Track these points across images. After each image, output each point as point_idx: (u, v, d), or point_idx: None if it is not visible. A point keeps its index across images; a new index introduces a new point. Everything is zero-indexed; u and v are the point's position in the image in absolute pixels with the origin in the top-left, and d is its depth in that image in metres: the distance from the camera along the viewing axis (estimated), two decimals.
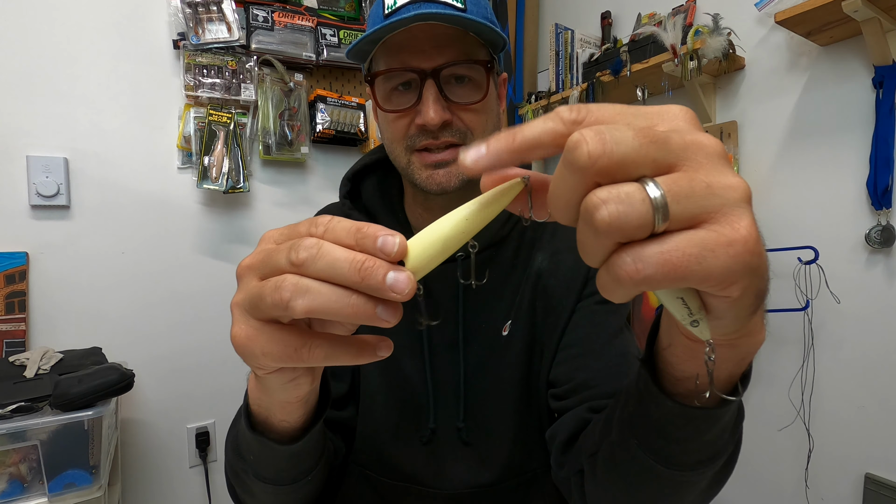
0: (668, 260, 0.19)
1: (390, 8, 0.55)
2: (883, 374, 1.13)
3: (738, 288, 0.20)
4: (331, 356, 0.28)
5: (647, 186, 0.19)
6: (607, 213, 0.19)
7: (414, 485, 0.64)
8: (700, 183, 0.20)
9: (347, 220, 0.27)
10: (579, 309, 0.62)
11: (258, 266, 0.29)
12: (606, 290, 0.21)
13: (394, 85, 0.58)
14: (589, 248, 0.21)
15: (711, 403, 0.32)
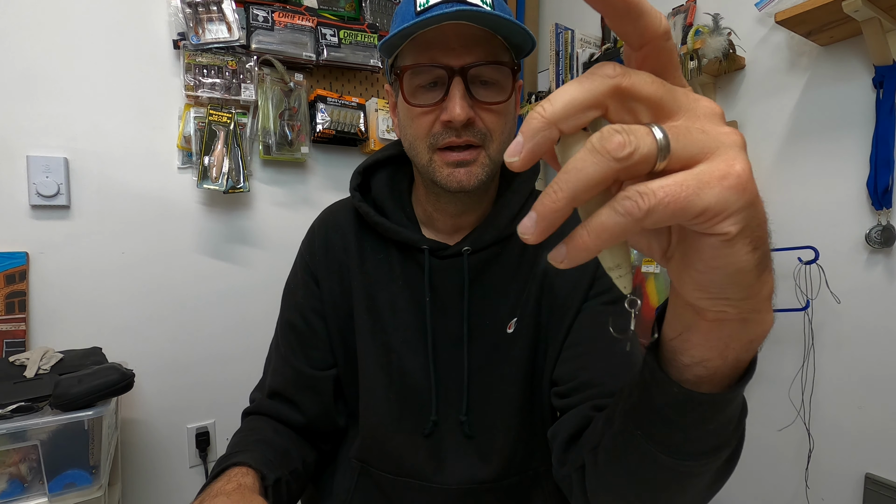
0: (669, 192, 0.21)
1: (422, 6, 0.56)
2: (883, 375, 1.13)
3: (733, 223, 0.22)
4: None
5: (653, 128, 0.22)
6: (619, 139, 0.21)
7: (415, 479, 0.64)
8: (697, 128, 0.23)
9: None
10: (585, 308, 0.62)
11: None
12: (604, 232, 0.21)
13: (421, 82, 0.58)
14: (592, 175, 0.21)
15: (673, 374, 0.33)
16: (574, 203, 0.22)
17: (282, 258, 1.62)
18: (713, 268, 0.24)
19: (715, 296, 0.26)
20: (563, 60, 1.80)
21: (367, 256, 0.68)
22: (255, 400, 0.72)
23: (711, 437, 0.35)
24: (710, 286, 0.25)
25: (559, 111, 0.22)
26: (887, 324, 1.12)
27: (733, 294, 0.26)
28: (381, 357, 0.65)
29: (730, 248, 0.23)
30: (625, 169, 0.21)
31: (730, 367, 0.31)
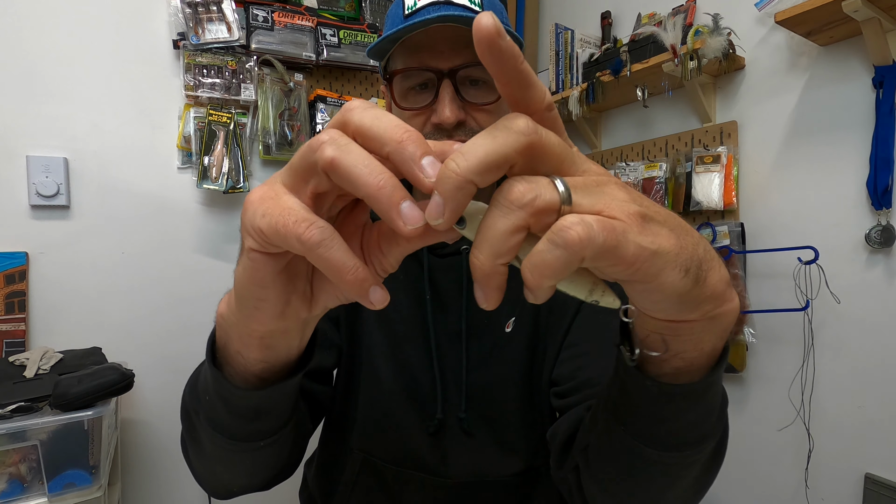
0: (605, 227, 0.22)
1: (410, 9, 0.57)
2: (883, 374, 1.13)
3: (652, 266, 0.23)
4: (322, 245, 0.24)
5: (554, 179, 0.23)
6: (520, 188, 0.22)
7: (418, 472, 0.64)
8: (593, 182, 0.24)
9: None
10: (584, 309, 0.62)
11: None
12: (546, 269, 0.22)
13: (411, 84, 0.59)
14: (504, 230, 0.22)
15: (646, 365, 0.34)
16: (499, 260, 0.23)
17: None
18: (658, 300, 0.26)
19: (672, 315, 0.28)
20: (563, 60, 1.80)
21: None
22: None
23: (693, 427, 0.36)
24: (666, 310, 0.27)
25: (474, 167, 0.22)
26: (887, 324, 1.12)
27: (688, 309, 0.27)
28: (386, 348, 0.65)
29: (658, 286, 0.24)
30: (532, 216, 0.22)
31: (706, 356, 0.32)
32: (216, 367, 0.37)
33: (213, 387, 0.38)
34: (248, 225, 0.26)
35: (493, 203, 0.23)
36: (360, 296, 0.26)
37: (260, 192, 0.26)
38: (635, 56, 1.49)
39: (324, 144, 0.24)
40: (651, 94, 1.53)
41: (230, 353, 0.36)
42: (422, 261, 0.65)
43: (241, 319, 0.32)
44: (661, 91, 1.51)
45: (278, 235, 0.24)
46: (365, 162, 0.23)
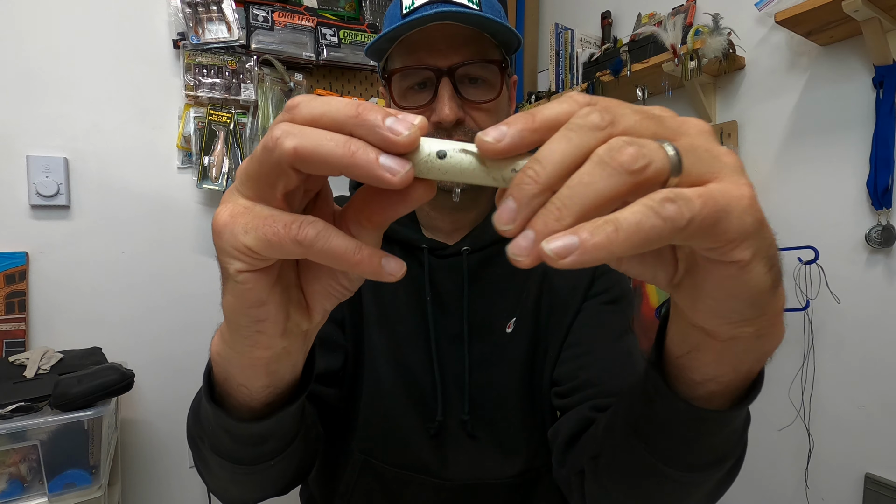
0: (705, 202, 0.19)
1: (408, 8, 0.56)
2: (883, 374, 1.13)
3: (747, 247, 0.21)
4: (323, 240, 0.23)
5: (664, 144, 0.21)
6: (632, 151, 0.20)
7: (419, 474, 0.64)
8: (701, 147, 0.22)
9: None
10: (585, 308, 0.62)
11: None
12: (638, 234, 0.19)
13: (409, 83, 0.59)
14: (603, 191, 0.20)
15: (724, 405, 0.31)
16: (582, 221, 0.20)
17: None
18: (731, 295, 0.23)
19: (733, 320, 0.25)
20: (563, 60, 1.80)
21: None
22: None
23: (717, 449, 0.35)
24: (729, 313, 0.25)
25: (553, 175, 0.21)
26: (887, 323, 1.12)
27: (751, 314, 0.25)
28: (387, 349, 0.65)
29: (747, 273, 0.22)
30: (637, 185, 0.20)
31: (742, 379, 0.31)
32: (215, 403, 0.36)
33: (215, 421, 0.37)
34: (230, 247, 0.24)
35: (595, 159, 0.20)
36: (374, 271, 0.24)
37: (227, 211, 0.24)
38: (635, 56, 1.49)
39: (279, 139, 0.22)
40: (651, 94, 1.53)
41: (232, 387, 0.35)
42: (422, 262, 0.64)
43: (242, 350, 0.30)
44: (662, 91, 1.51)
45: (271, 246, 0.23)
46: (328, 137, 0.22)
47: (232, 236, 0.24)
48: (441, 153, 0.23)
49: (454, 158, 0.23)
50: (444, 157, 0.23)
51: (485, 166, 0.23)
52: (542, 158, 0.21)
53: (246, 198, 0.24)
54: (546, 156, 0.21)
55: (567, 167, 0.21)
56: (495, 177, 0.23)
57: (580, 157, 0.21)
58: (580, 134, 0.21)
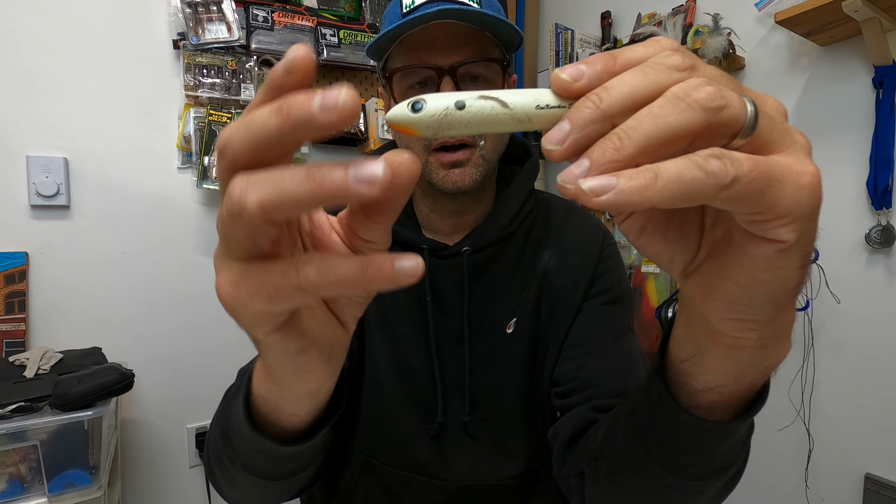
0: (756, 167, 0.18)
1: (408, 7, 0.56)
2: (883, 374, 1.13)
3: (794, 229, 0.20)
4: (326, 275, 0.20)
5: (745, 98, 0.19)
6: (711, 90, 0.18)
7: (419, 475, 0.64)
8: (777, 119, 0.20)
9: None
10: (585, 308, 0.62)
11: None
12: (679, 185, 0.18)
13: (410, 83, 0.59)
14: (673, 125, 0.18)
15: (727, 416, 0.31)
16: (641, 158, 0.18)
17: None
18: (758, 281, 0.22)
19: (745, 316, 0.24)
20: (563, 60, 1.80)
21: None
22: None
23: (720, 458, 0.35)
24: (747, 303, 0.23)
25: (617, 104, 0.19)
26: (887, 324, 1.12)
27: (765, 315, 0.23)
28: (387, 350, 0.65)
29: (783, 259, 0.21)
30: (708, 125, 0.18)
31: (745, 391, 0.30)
32: (256, 430, 0.36)
33: (254, 446, 0.37)
34: (246, 317, 0.23)
35: (669, 95, 0.19)
36: (391, 280, 0.21)
37: (226, 281, 0.22)
38: None
39: (240, 200, 0.19)
40: None
41: (280, 418, 0.35)
42: None
43: (295, 387, 0.31)
44: None
45: (281, 302, 0.22)
46: (287, 176, 0.19)
47: (242, 308, 0.23)
48: (459, 103, 0.21)
49: (475, 107, 0.22)
50: (464, 108, 0.21)
51: (508, 109, 0.22)
52: (611, 86, 0.20)
53: (237, 260, 0.22)
54: (615, 84, 0.20)
55: (635, 100, 0.19)
56: (520, 118, 0.22)
57: (652, 93, 0.19)
58: (657, 71, 0.20)
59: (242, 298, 0.22)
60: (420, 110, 0.22)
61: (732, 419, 0.31)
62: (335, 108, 0.18)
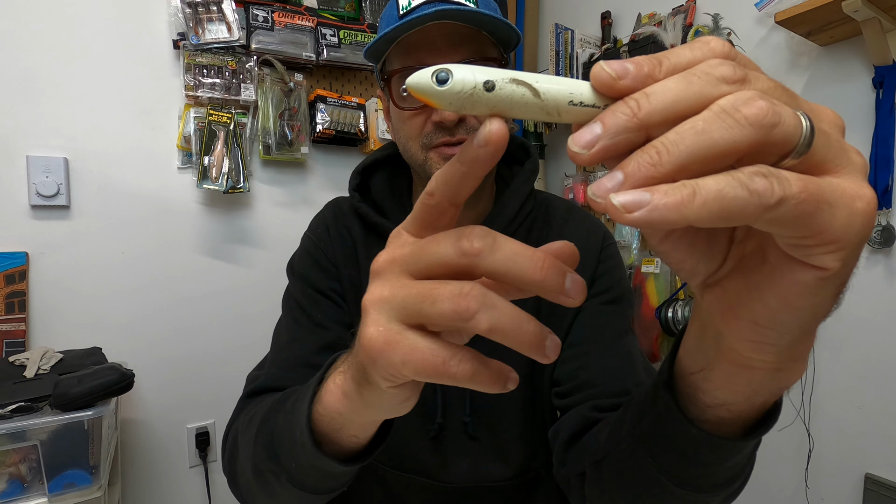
0: (806, 188, 0.17)
1: (405, 8, 0.56)
2: (883, 374, 1.13)
3: (840, 257, 0.18)
4: (476, 375, 0.24)
5: (800, 113, 0.18)
6: (763, 105, 0.17)
7: (419, 476, 0.64)
8: (833, 135, 0.19)
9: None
10: (585, 308, 0.62)
11: (409, 260, 0.25)
12: (720, 202, 0.16)
13: None
14: (718, 142, 0.17)
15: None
16: (679, 175, 0.17)
17: (282, 258, 1.61)
18: (791, 307, 0.20)
19: (767, 340, 0.22)
20: (563, 60, 1.80)
21: (373, 249, 0.68)
22: (262, 377, 0.63)
23: (727, 471, 0.34)
24: (773, 327, 0.22)
25: (657, 114, 0.18)
26: (887, 324, 1.12)
27: (787, 341, 0.22)
28: None
29: (822, 287, 0.19)
30: (758, 144, 0.17)
31: (756, 410, 0.29)
32: (321, 450, 0.36)
33: (312, 463, 0.37)
34: (384, 371, 0.25)
35: (716, 109, 0.17)
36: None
37: (381, 336, 0.24)
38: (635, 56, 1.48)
39: (476, 315, 0.22)
40: None
41: (342, 438, 0.36)
42: None
43: (378, 416, 0.32)
44: None
45: (428, 378, 0.24)
46: (524, 319, 0.23)
47: (390, 365, 0.24)
48: (489, 84, 0.20)
49: (504, 90, 0.20)
50: (493, 90, 0.20)
51: (539, 99, 0.20)
52: (651, 93, 0.18)
53: (399, 322, 0.24)
54: (656, 91, 0.18)
55: (676, 112, 0.18)
56: (549, 110, 0.20)
57: (696, 105, 0.18)
58: (703, 80, 0.18)
59: (394, 360, 0.24)
60: (446, 82, 0.20)
61: (742, 436, 0.30)
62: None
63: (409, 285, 0.24)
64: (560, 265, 0.23)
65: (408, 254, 0.25)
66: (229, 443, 0.54)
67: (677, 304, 1.40)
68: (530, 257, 0.22)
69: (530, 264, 0.22)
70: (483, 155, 0.22)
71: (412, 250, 0.25)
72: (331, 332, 0.63)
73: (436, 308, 0.23)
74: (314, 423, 0.36)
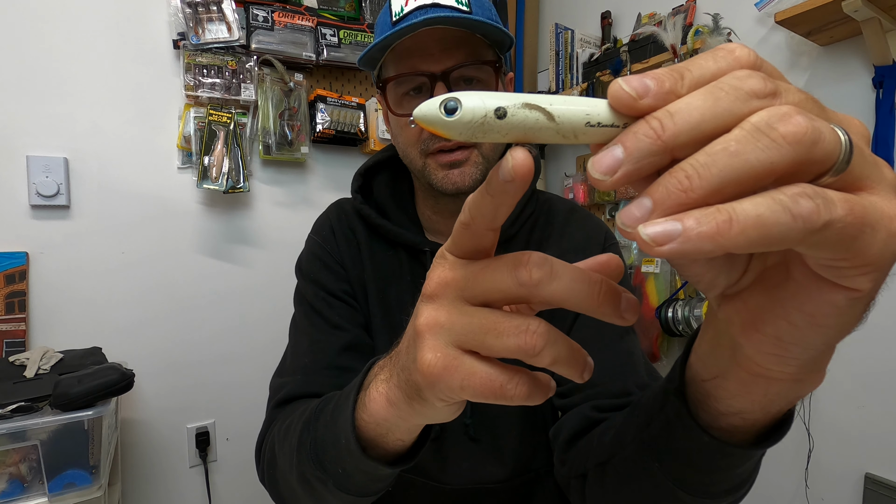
0: (851, 209, 0.16)
1: (398, 15, 0.56)
2: (883, 375, 1.13)
3: (872, 279, 0.18)
4: (531, 395, 0.24)
5: (834, 126, 0.17)
6: (801, 122, 0.16)
7: (419, 477, 0.64)
8: (866, 150, 0.18)
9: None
10: None
11: (463, 285, 0.25)
12: (759, 229, 0.15)
13: (405, 90, 0.59)
14: (754, 164, 0.16)
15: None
16: (713, 198, 0.16)
17: (282, 258, 1.62)
18: (818, 325, 0.19)
19: (789, 354, 0.21)
20: (563, 60, 1.80)
21: (377, 251, 0.68)
22: (288, 385, 0.61)
23: (736, 478, 0.34)
24: (797, 343, 0.21)
25: (683, 135, 0.17)
26: (887, 323, 1.12)
27: (810, 355, 0.21)
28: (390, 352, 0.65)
29: (851, 307, 0.19)
30: (797, 164, 0.16)
31: (770, 418, 0.28)
32: (370, 456, 0.37)
33: (359, 467, 0.38)
34: (442, 394, 0.26)
35: (749, 127, 0.16)
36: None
37: (440, 362, 0.25)
38: (635, 56, 1.49)
39: (541, 351, 0.23)
40: None
41: (388, 442, 0.36)
42: (425, 265, 0.64)
43: (422, 422, 0.33)
44: None
45: (486, 399, 0.24)
46: (574, 354, 0.24)
47: (448, 389, 0.25)
48: (500, 111, 0.19)
49: (517, 116, 0.19)
50: (505, 117, 0.19)
51: (554, 122, 0.19)
52: (675, 112, 0.17)
53: (456, 346, 0.25)
54: (681, 109, 0.17)
55: (703, 132, 0.17)
56: (566, 133, 0.19)
57: (724, 124, 0.17)
58: (732, 96, 0.17)
59: (453, 385, 0.25)
60: (454, 112, 0.20)
61: (754, 443, 0.30)
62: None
63: (470, 313, 0.24)
64: (615, 288, 0.23)
65: (461, 278, 0.25)
66: (266, 453, 0.55)
67: (677, 304, 1.40)
68: (588, 284, 0.23)
69: (589, 292, 0.23)
70: (511, 189, 0.21)
71: (465, 275, 0.25)
72: (349, 333, 0.63)
73: (500, 342, 0.23)
74: (359, 430, 0.36)
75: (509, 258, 0.23)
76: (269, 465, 0.53)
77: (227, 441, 1.56)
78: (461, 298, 0.25)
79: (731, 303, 0.23)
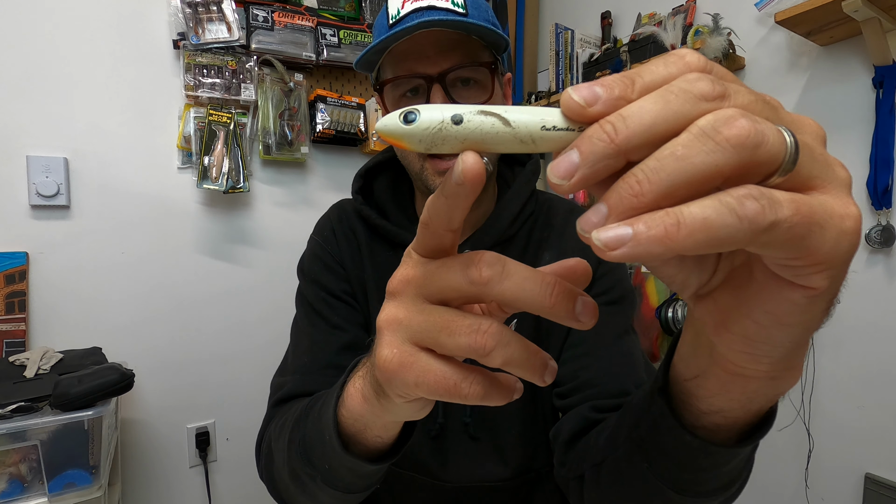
0: (799, 209, 0.16)
1: (394, 18, 0.57)
2: (883, 374, 1.13)
3: (828, 276, 0.18)
4: (487, 395, 0.24)
5: (780, 127, 0.17)
6: (745, 125, 0.16)
7: (419, 475, 0.64)
8: (816, 149, 0.18)
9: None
10: None
11: (421, 283, 0.25)
12: (705, 231, 0.16)
13: (402, 92, 0.60)
14: (700, 168, 0.16)
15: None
16: (664, 202, 0.17)
17: (282, 258, 1.62)
18: (782, 324, 0.20)
19: (759, 352, 0.22)
20: (563, 60, 1.80)
21: (377, 251, 0.68)
22: (288, 384, 0.63)
23: (724, 476, 0.34)
24: (764, 341, 0.21)
25: (635, 138, 0.17)
26: (887, 323, 1.12)
27: (780, 353, 0.22)
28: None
29: (811, 305, 0.19)
30: (742, 167, 0.16)
31: (752, 416, 0.29)
32: (351, 453, 0.37)
33: (343, 464, 0.38)
34: (399, 390, 0.26)
35: (695, 131, 0.17)
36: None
37: (395, 358, 0.25)
38: (635, 56, 1.49)
39: (492, 351, 0.23)
40: None
41: (367, 438, 0.37)
42: None
43: (398, 419, 0.34)
44: None
45: (440, 397, 0.25)
46: (530, 358, 0.24)
47: (404, 385, 0.25)
48: (456, 117, 0.20)
49: (473, 122, 0.20)
50: (461, 123, 0.20)
51: (511, 128, 0.20)
52: (628, 116, 0.18)
53: (413, 344, 0.25)
54: (633, 113, 0.18)
55: (654, 134, 0.17)
56: (524, 138, 0.20)
57: (674, 126, 0.17)
58: (682, 99, 0.17)
59: (408, 381, 0.25)
60: (413, 122, 0.20)
61: (737, 442, 0.30)
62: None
63: (426, 311, 0.25)
64: (570, 289, 0.23)
65: (420, 276, 0.25)
66: (264, 450, 0.56)
67: (677, 304, 1.41)
68: (539, 284, 0.23)
69: (540, 291, 0.23)
70: (462, 192, 0.22)
71: (424, 273, 0.25)
72: (349, 333, 0.64)
73: (452, 340, 0.24)
74: (340, 426, 0.37)
75: (464, 257, 0.24)
76: (266, 461, 0.54)
77: (227, 441, 1.56)
78: (420, 296, 0.25)
79: (703, 303, 0.23)
